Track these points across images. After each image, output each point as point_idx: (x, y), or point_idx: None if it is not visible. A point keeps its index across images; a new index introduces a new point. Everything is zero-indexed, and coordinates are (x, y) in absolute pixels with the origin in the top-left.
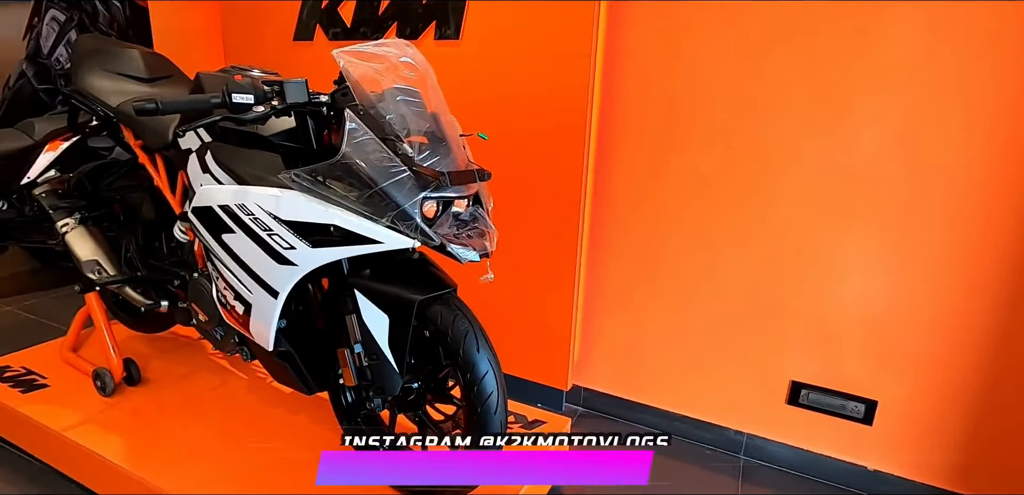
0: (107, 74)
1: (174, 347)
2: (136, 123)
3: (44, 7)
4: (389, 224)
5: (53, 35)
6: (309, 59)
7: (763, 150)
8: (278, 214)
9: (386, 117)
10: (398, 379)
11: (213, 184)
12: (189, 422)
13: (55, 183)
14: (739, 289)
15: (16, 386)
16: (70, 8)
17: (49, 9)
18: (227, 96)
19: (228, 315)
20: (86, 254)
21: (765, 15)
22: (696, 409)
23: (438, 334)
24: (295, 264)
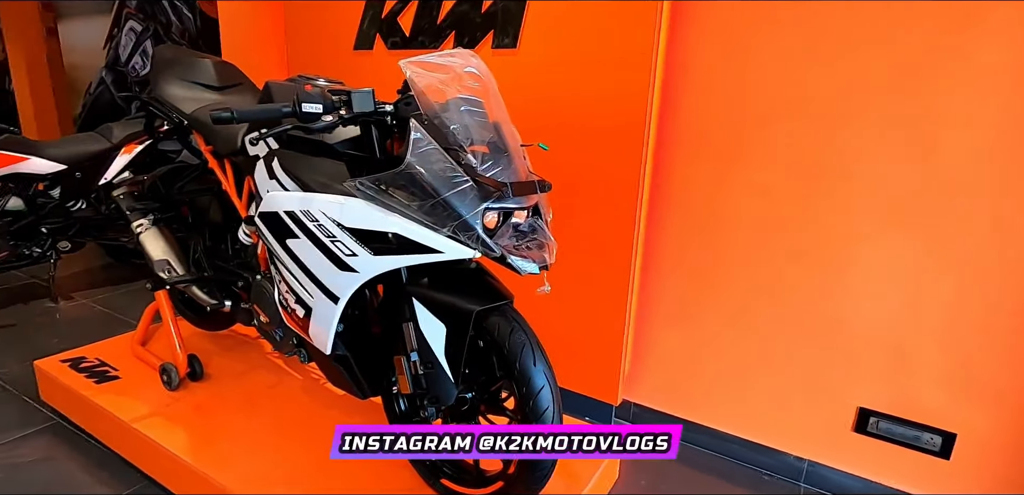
0: (182, 82)
1: (234, 345)
2: (208, 129)
3: (124, 18)
4: (450, 234)
5: (130, 44)
6: (369, 67)
7: (834, 161)
8: (342, 221)
9: (450, 127)
10: (453, 389)
11: (279, 190)
12: (247, 418)
13: (132, 185)
14: (804, 307)
15: (91, 376)
16: (146, 19)
17: (128, 20)
18: (297, 105)
19: (288, 318)
20: (158, 253)
21: (842, 16)
22: (753, 432)
23: (494, 346)
24: (356, 271)
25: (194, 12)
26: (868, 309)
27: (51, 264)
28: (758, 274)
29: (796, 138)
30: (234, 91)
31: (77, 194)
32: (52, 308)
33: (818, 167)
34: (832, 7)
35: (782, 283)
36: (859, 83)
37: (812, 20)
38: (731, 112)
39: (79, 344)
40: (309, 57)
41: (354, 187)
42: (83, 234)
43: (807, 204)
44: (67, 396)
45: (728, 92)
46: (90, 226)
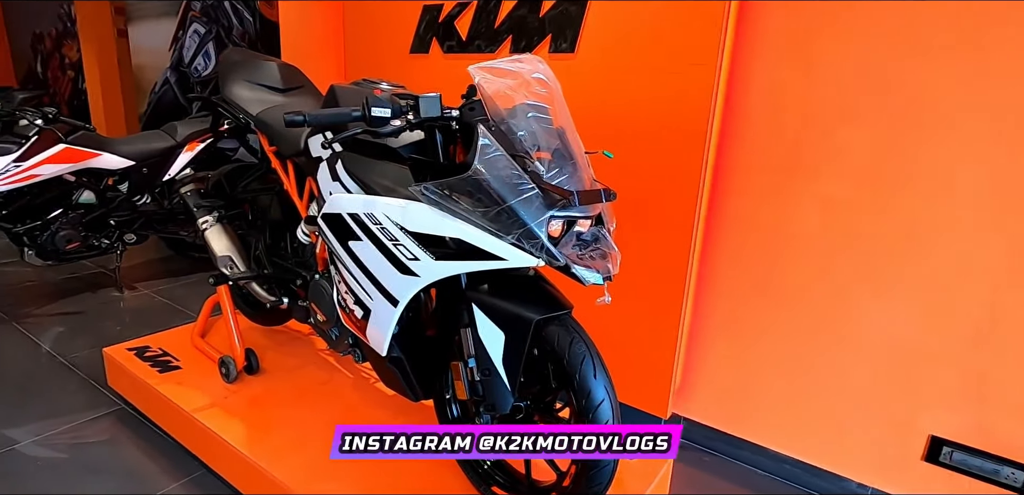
0: (248, 84)
1: (287, 340)
2: (272, 130)
3: (189, 21)
4: (514, 242)
5: (194, 46)
6: (425, 71)
7: (907, 170)
8: (405, 225)
9: (517, 133)
10: (510, 397)
11: (342, 192)
12: (300, 413)
13: (197, 183)
14: (872, 327)
15: (155, 366)
16: (210, 22)
17: (192, 23)
18: (367, 109)
19: (346, 318)
20: (221, 250)
21: (926, 18)
22: (811, 454)
23: (553, 356)
24: (417, 275)
25: (254, 15)
26: (943, 330)
27: (117, 255)
28: (822, 290)
29: (865, 147)
30: (297, 93)
31: (143, 189)
32: (117, 297)
33: (889, 177)
34: (910, 6)
35: (848, 300)
36: (936, 87)
37: (888, 20)
38: (800, 121)
39: (141, 332)
40: (366, 60)
41: (419, 192)
42: (147, 227)
43: (881, 219)
44: (132, 383)
45: (795, 97)
46: (153, 220)
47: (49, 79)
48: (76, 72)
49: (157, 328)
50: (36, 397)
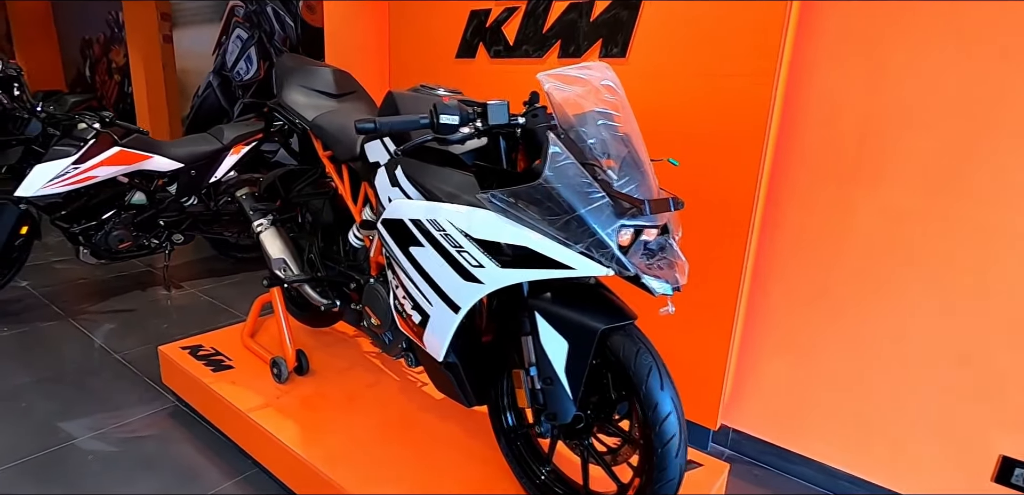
0: (303, 89)
1: (335, 341)
2: (328, 135)
3: (232, 27)
4: (584, 251)
5: (236, 51)
6: (471, 76)
7: (977, 179)
8: (470, 232)
9: (587, 141)
10: (572, 407)
11: (402, 198)
12: (351, 415)
13: (251, 186)
14: (938, 342)
15: (208, 364)
16: (252, 28)
17: (235, 28)
18: (435, 117)
19: (402, 322)
20: (276, 252)
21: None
22: (869, 471)
23: (618, 366)
24: (481, 282)
25: (296, 20)
26: (1014, 345)
27: (165, 254)
28: (882, 302)
29: (933, 154)
30: (350, 99)
31: (191, 190)
32: (165, 295)
33: (957, 186)
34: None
35: (910, 312)
36: (1006, 91)
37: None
38: (863, 128)
39: (189, 331)
40: (411, 64)
41: (485, 199)
42: (193, 228)
43: (943, 226)
44: (187, 381)
45: (857, 101)
46: (200, 220)
47: (97, 83)
48: (122, 76)
49: (204, 327)
50: (92, 393)
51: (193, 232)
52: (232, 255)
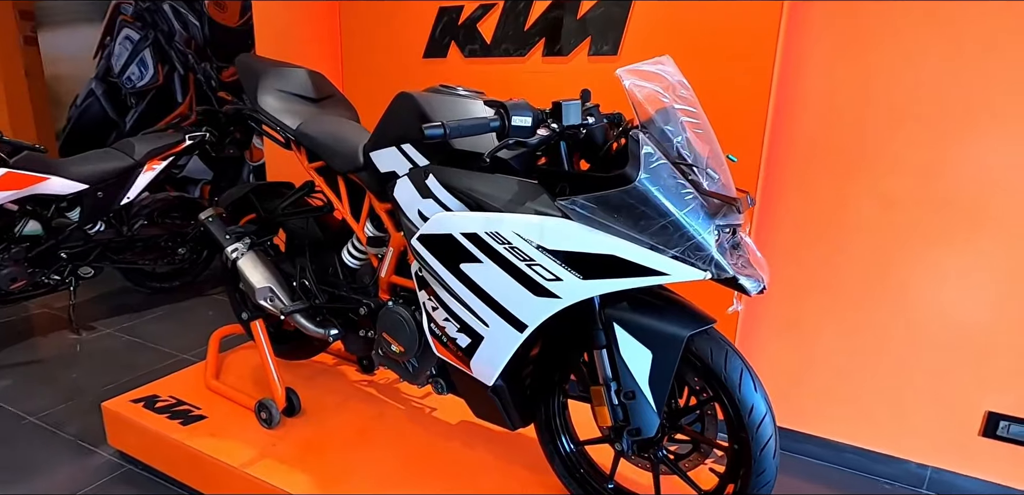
0: (280, 94)
1: (315, 373)
2: (319, 144)
3: (117, 27)
4: (679, 255)
5: (125, 54)
6: (443, 77)
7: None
8: (543, 243)
9: (673, 139)
10: (656, 419)
11: (438, 210)
12: (367, 454)
13: (216, 208)
14: (930, 316)
15: (174, 417)
16: (145, 27)
17: (123, 28)
18: (507, 118)
19: (440, 347)
20: (260, 280)
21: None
22: (871, 441)
23: (707, 372)
24: (558, 296)
25: (202, 19)
26: (1000, 312)
27: (70, 292)
28: (877, 284)
29: (923, 143)
30: (329, 103)
31: (98, 215)
32: (74, 340)
33: (949, 177)
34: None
35: (905, 292)
36: (996, 81)
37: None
38: (856, 120)
39: (116, 378)
40: (370, 66)
41: (566, 208)
42: (103, 258)
43: (937, 214)
44: (148, 440)
45: (852, 101)
46: (110, 250)
47: None
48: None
49: (133, 372)
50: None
51: (102, 264)
52: (148, 286)
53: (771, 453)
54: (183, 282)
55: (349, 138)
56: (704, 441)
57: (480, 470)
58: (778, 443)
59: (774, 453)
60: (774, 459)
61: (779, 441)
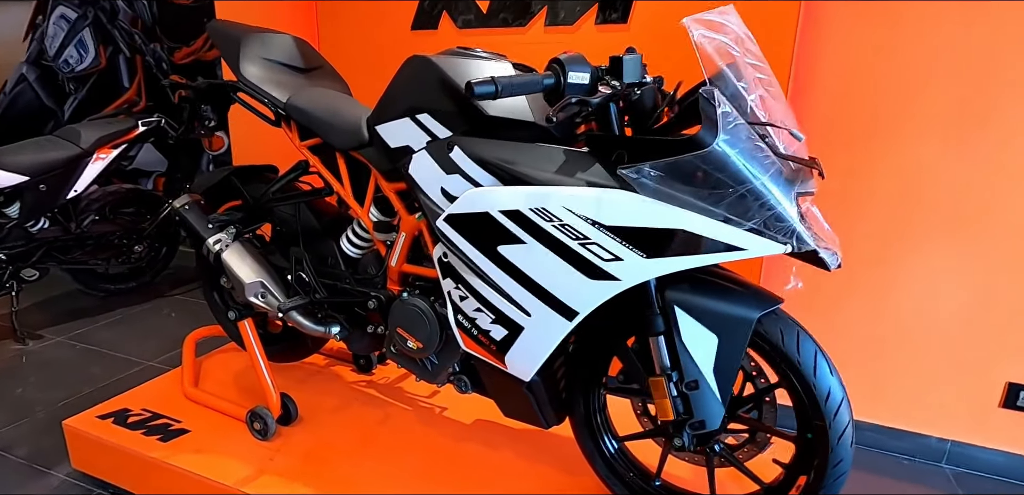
0: (265, 63)
1: (306, 376)
2: (315, 118)
3: (50, 5)
4: (756, 227)
5: (61, 35)
6: (432, 48)
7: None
8: (599, 219)
9: (747, 98)
10: (721, 410)
11: (467, 186)
12: (376, 464)
13: (193, 195)
14: (950, 287)
15: (151, 433)
16: (82, 5)
17: (57, 6)
18: (562, 74)
19: (469, 341)
20: (249, 275)
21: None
22: (889, 417)
23: (777, 355)
24: (617, 278)
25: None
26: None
27: (12, 297)
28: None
29: (944, 109)
30: (318, 74)
31: (41, 210)
32: (19, 351)
33: (967, 153)
34: None
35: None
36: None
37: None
38: (875, 98)
39: (74, 393)
40: (350, 38)
41: (629, 177)
42: (49, 259)
43: (954, 189)
44: (121, 461)
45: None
46: (55, 249)
47: None
48: None
49: (93, 383)
50: None
51: (47, 265)
52: (101, 288)
53: (848, 441)
54: (140, 283)
55: (348, 111)
56: (767, 430)
57: (508, 474)
58: (854, 438)
59: (851, 440)
60: (851, 447)
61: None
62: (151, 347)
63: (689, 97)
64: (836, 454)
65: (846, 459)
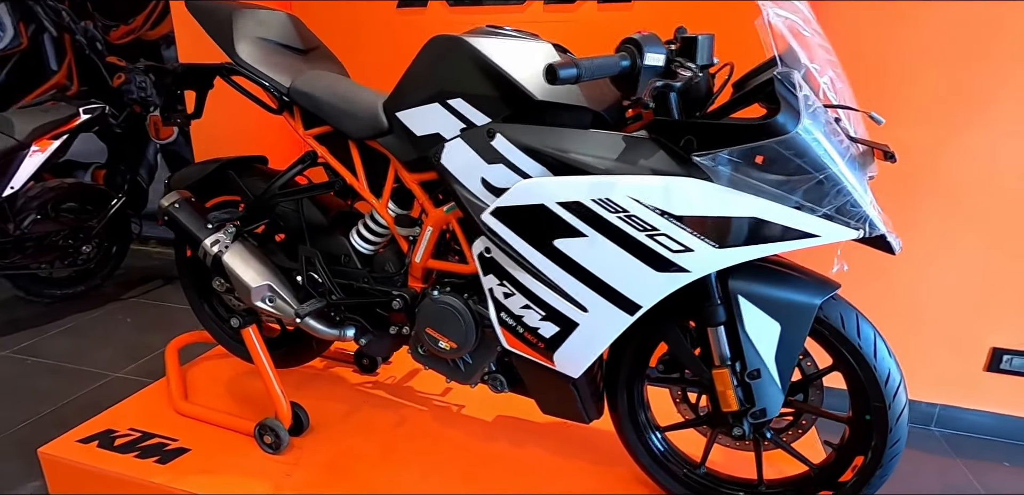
0: (261, 43)
1: (305, 380)
2: (326, 106)
3: None
4: (830, 213)
5: None
6: (423, 29)
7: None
8: (668, 209)
9: (820, 80)
10: (781, 397)
11: (512, 176)
12: (404, 472)
13: (182, 191)
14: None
15: (146, 456)
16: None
17: None
18: (638, 57)
19: (513, 340)
20: (255, 278)
21: None
22: None
23: (838, 339)
24: (685, 269)
25: None
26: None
27: None
28: None
29: (935, 96)
30: (316, 56)
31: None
32: None
33: (958, 136)
34: None
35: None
36: (1000, 30)
37: None
38: (876, 80)
39: (34, 413)
40: (327, 16)
41: (707, 164)
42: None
43: (945, 169)
44: (118, 486)
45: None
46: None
47: None
48: None
49: (54, 401)
50: None
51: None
52: (46, 294)
53: (905, 422)
54: (89, 286)
55: (362, 97)
56: (817, 413)
57: (543, 470)
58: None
59: (907, 420)
60: (906, 426)
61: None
62: (112, 357)
63: (749, 78)
64: (894, 434)
65: (902, 439)
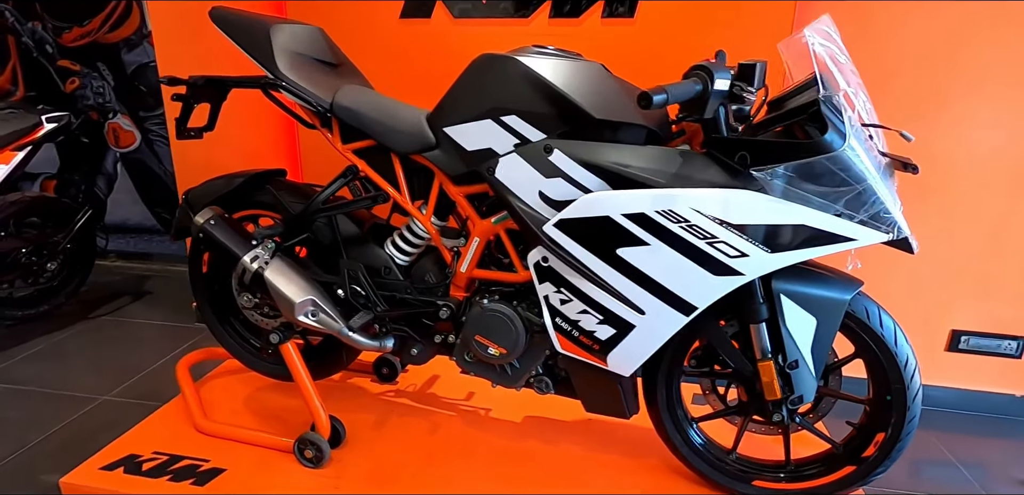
0: (297, 58)
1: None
2: (371, 122)
3: None
4: (865, 219)
5: None
6: (427, 40)
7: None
8: (726, 218)
9: (856, 100)
10: (814, 384)
11: (571, 190)
12: (452, 476)
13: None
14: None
15: (179, 478)
16: None
17: None
18: (710, 82)
19: (567, 343)
20: (298, 293)
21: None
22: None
23: (865, 330)
24: (741, 273)
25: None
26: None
27: None
28: None
29: (908, 93)
30: (344, 69)
31: None
32: None
33: (927, 121)
34: None
35: None
36: (959, 41)
37: None
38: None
39: (21, 443)
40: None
41: (764, 179)
42: None
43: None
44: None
45: None
46: None
47: None
48: None
49: (41, 429)
50: None
51: None
52: (7, 315)
53: (920, 400)
54: (52, 306)
55: (404, 112)
56: (840, 396)
57: (578, 466)
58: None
59: (920, 399)
60: (920, 404)
61: None
62: (97, 380)
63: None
64: (912, 411)
65: (917, 415)
